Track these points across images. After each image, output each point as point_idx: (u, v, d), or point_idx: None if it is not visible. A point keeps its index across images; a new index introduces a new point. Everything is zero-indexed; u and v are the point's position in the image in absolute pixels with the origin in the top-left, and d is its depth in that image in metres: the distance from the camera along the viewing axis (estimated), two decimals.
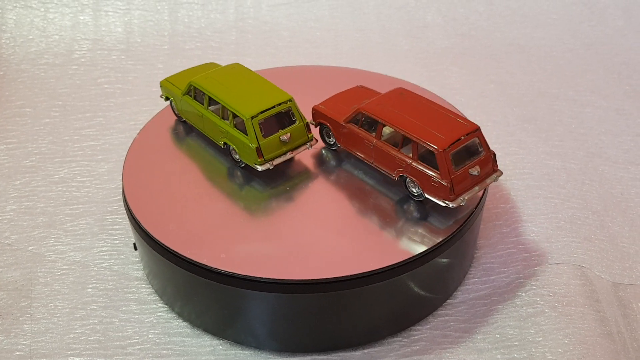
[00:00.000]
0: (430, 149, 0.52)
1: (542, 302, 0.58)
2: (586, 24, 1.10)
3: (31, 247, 0.65)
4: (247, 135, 0.57)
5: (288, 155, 0.58)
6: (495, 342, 0.55)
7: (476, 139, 0.54)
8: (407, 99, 0.58)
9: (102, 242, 0.65)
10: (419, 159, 0.54)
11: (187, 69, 0.70)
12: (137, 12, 1.04)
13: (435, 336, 0.56)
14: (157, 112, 0.72)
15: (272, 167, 0.57)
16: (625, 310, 0.58)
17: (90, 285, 0.61)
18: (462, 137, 0.53)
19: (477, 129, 0.54)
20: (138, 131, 0.70)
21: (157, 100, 0.87)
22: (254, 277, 0.50)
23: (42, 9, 1.03)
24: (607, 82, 0.95)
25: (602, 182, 0.74)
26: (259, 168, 0.57)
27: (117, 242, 0.65)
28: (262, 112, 0.56)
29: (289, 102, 0.58)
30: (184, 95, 0.63)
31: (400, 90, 0.59)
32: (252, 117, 0.56)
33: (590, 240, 0.65)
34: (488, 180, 0.55)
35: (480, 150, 0.54)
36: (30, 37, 1.00)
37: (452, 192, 0.53)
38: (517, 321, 0.57)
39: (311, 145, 0.59)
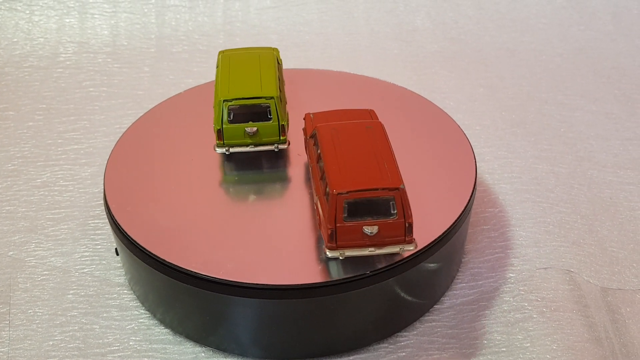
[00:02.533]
0: (328, 189, 0.48)
1: (530, 308, 0.57)
2: (575, 28, 1.10)
3: (11, 253, 0.64)
4: None
5: (249, 148, 0.58)
6: (483, 348, 0.55)
7: (391, 199, 0.47)
8: (365, 133, 0.52)
9: (84, 247, 0.64)
10: (325, 195, 0.49)
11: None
12: (123, 15, 1.03)
13: (422, 342, 0.55)
14: (141, 115, 0.71)
15: (228, 153, 0.58)
16: (613, 315, 0.58)
17: (71, 291, 0.60)
18: (368, 189, 0.47)
19: (396, 189, 0.47)
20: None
21: (142, 104, 0.86)
22: (237, 282, 0.49)
23: (27, 12, 1.02)
24: (597, 86, 0.95)
25: (591, 186, 0.74)
26: (216, 150, 0.57)
27: (99, 247, 0.64)
28: (236, 99, 0.57)
29: (268, 100, 0.57)
30: None
31: (369, 124, 0.54)
32: (224, 101, 0.57)
33: (579, 245, 0.65)
34: (390, 249, 0.48)
35: (391, 212, 0.47)
36: (15, 39, 0.99)
37: (332, 241, 0.48)
38: (505, 327, 0.56)
39: (278, 148, 0.58)
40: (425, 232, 0.53)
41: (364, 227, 0.47)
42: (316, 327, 0.52)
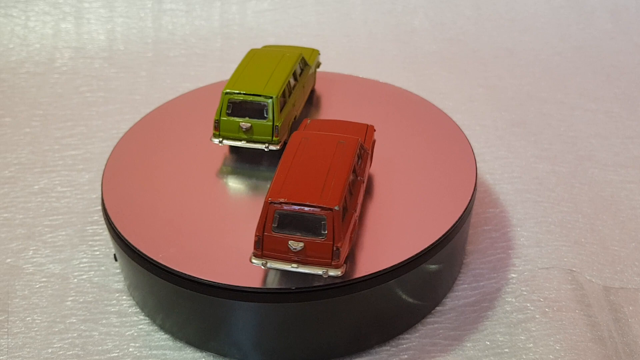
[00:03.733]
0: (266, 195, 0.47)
1: (532, 308, 0.57)
2: (574, 27, 1.09)
3: (9, 260, 0.63)
4: None
5: (241, 144, 0.58)
6: (486, 350, 0.54)
7: (322, 219, 0.45)
8: (333, 148, 0.50)
9: (82, 253, 0.64)
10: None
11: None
12: (120, 20, 1.03)
13: (425, 344, 0.55)
14: (138, 120, 0.70)
15: (220, 144, 0.59)
16: (616, 314, 0.57)
17: (70, 298, 0.59)
18: (301, 204, 0.45)
19: (329, 210, 0.45)
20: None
21: (139, 108, 0.86)
22: (237, 286, 0.49)
23: (23, 17, 1.02)
24: (596, 85, 0.94)
25: (592, 185, 0.73)
26: (212, 139, 0.59)
27: (98, 253, 0.64)
28: (236, 93, 0.57)
29: (267, 99, 0.57)
30: None
31: (344, 139, 0.51)
32: (225, 93, 0.57)
33: (581, 244, 0.64)
34: (313, 269, 0.46)
35: (321, 232, 0.45)
36: (11, 45, 0.99)
37: (258, 248, 0.46)
38: (507, 327, 0.56)
39: (268, 148, 0.58)
40: (426, 233, 0.52)
41: (289, 242, 0.45)
42: (317, 331, 0.52)
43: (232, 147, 0.62)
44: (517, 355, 0.53)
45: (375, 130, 0.57)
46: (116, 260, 0.59)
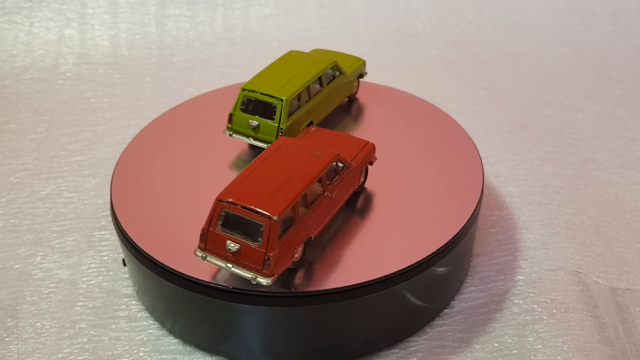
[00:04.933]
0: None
1: (540, 310, 0.57)
2: (575, 29, 1.10)
3: (17, 266, 0.63)
4: None
5: (249, 140, 0.60)
6: (494, 352, 0.54)
7: (260, 225, 0.45)
8: (306, 158, 0.50)
9: (90, 258, 0.64)
10: None
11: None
12: (124, 26, 1.03)
13: (433, 347, 0.55)
14: (145, 125, 0.70)
15: (230, 136, 0.61)
16: (623, 315, 0.57)
17: (79, 304, 0.59)
18: (243, 207, 0.45)
19: (268, 218, 0.45)
20: (126, 145, 0.69)
21: (144, 114, 0.86)
22: (246, 290, 0.49)
23: (27, 24, 1.02)
24: (598, 87, 0.95)
25: (597, 187, 0.73)
26: (225, 131, 0.61)
27: (106, 258, 0.64)
28: (251, 91, 0.59)
29: (277, 101, 0.58)
30: None
31: (322, 151, 0.51)
32: (243, 89, 0.59)
33: (587, 246, 0.64)
34: (245, 272, 0.46)
35: (257, 238, 0.45)
36: (15, 52, 0.99)
37: (202, 241, 0.47)
38: (515, 329, 0.56)
39: None
40: (434, 237, 0.53)
41: (227, 241, 0.46)
42: (326, 334, 0.52)
43: (243, 150, 0.63)
44: (526, 356, 0.54)
45: (375, 148, 0.57)
46: (125, 265, 0.59)
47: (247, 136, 0.60)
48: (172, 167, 0.61)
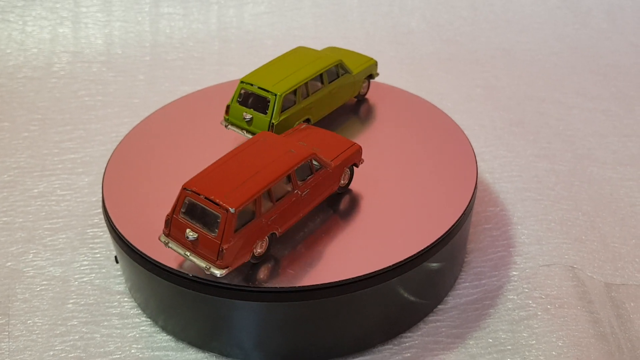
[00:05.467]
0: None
1: (534, 305, 0.57)
2: (570, 27, 1.10)
3: (9, 264, 0.63)
4: None
5: (242, 133, 0.60)
6: (488, 347, 0.54)
7: (218, 217, 0.46)
8: (279, 154, 0.50)
9: (83, 256, 0.64)
10: None
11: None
12: (117, 24, 1.03)
13: (427, 342, 0.55)
14: (138, 123, 0.70)
15: (226, 127, 0.61)
16: (618, 310, 0.57)
17: (71, 301, 0.59)
18: (204, 197, 0.46)
19: (226, 210, 0.45)
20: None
21: (138, 112, 0.86)
22: (238, 285, 0.49)
23: (20, 22, 1.02)
24: (593, 84, 0.95)
25: (592, 183, 0.73)
26: (222, 122, 0.61)
27: (98, 255, 0.64)
28: (248, 84, 0.59)
29: (271, 95, 0.58)
30: None
31: (296, 148, 0.51)
32: (241, 81, 0.60)
33: (581, 241, 0.64)
34: (200, 261, 0.47)
35: (214, 229, 0.46)
36: (8, 50, 0.98)
37: (166, 227, 0.48)
38: (510, 325, 0.56)
39: None
40: (427, 232, 0.52)
41: (187, 229, 0.47)
42: (319, 330, 0.52)
43: (236, 146, 0.62)
44: (520, 352, 0.53)
45: (361, 150, 0.56)
46: (117, 262, 0.59)
47: (241, 128, 0.60)
48: (163, 164, 0.61)
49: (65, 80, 0.94)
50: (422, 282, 0.54)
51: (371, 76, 0.69)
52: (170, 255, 0.51)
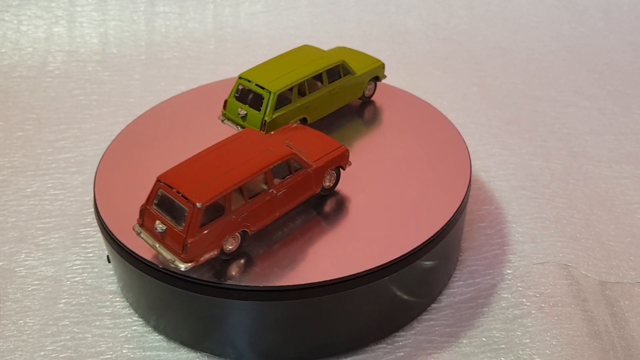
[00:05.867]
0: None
1: (528, 303, 0.56)
2: (567, 26, 1.10)
3: (1, 263, 0.63)
4: None
5: (237, 128, 0.60)
6: (482, 346, 0.54)
7: (185, 210, 0.46)
8: (259, 152, 0.50)
9: (75, 255, 0.63)
10: None
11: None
12: (112, 23, 1.03)
13: (420, 341, 0.54)
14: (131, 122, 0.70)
15: (222, 122, 0.61)
16: (612, 308, 0.57)
17: (62, 301, 0.59)
18: (174, 190, 0.46)
19: (193, 204, 0.45)
20: None
21: (133, 111, 0.86)
22: (229, 284, 0.48)
23: (15, 22, 1.01)
24: (590, 83, 0.95)
25: (587, 181, 0.73)
26: (220, 117, 0.62)
27: (91, 255, 0.63)
28: (246, 80, 0.59)
29: (266, 93, 0.58)
30: None
31: (275, 147, 0.51)
32: (239, 77, 0.60)
33: (576, 240, 0.64)
34: (167, 254, 0.47)
35: (182, 222, 0.46)
36: (3, 50, 0.98)
37: (140, 217, 0.49)
38: (504, 323, 0.55)
39: None
40: (420, 230, 0.52)
41: (157, 221, 0.47)
42: (312, 329, 0.51)
43: None
44: (514, 351, 0.53)
45: (348, 153, 0.55)
46: (109, 261, 0.59)
47: (236, 124, 0.60)
48: (156, 163, 0.61)
49: (60, 79, 0.94)
50: (416, 281, 0.54)
51: (377, 78, 0.68)
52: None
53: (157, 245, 0.48)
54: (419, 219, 0.53)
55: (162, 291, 0.51)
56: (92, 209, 0.69)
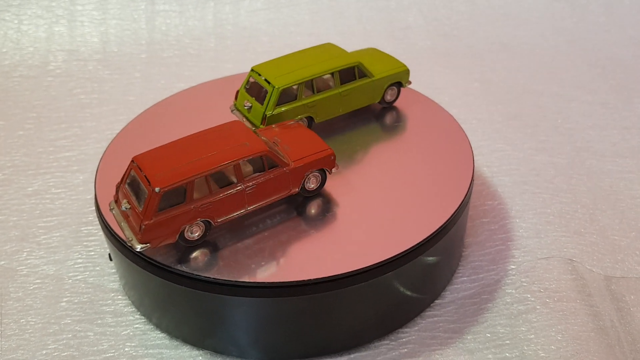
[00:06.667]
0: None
1: (533, 299, 0.56)
2: (568, 20, 1.09)
3: (2, 262, 0.62)
4: None
5: (243, 119, 0.60)
6: (486, 342, 0.53)
7: (146, 192, 0.47)
8: (234, 145, 0.50)
9: (77, 254, 0.63)
10: None
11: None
12: (113, 22, 1.03)
13: (424, 338, 0.54)
14: (132, 119, 0.70)
15: (231, 112, 0.62)
16: (618, 303, 0.56)
17: (64, 299, 0.58)
18: (141, 172, 0.48)
19: (153, 189, 0.46)
20: None
21: (134, 109, 0.85)
22: (232, 281, 0.48)
23: (16, 21, 1.01)
24: (592, 77, 0.94)
25: (591, 176, 0.73)
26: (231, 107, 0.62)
27: (93, 253, 0.63)
28: (256, 73, 0.59)
29: (270, 87, 0.58)
30: None
31: (251, 142, 0.51)
32: (251, 69, 0.60)
33: (581, 234, 0.63)
34: (129, 233, 0.48)
35: (142, 204, 0.47)
36: (4, 49, 0.98)
37: (115, 194, 0.51)
38: (508, 319, 0.55)
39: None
40: (424, 225, 0.52)
41: (124, 200, 0.49)
42: (315, 325, 0.51)
43: None
44: (519, 346, 0.53)
45: (334, 156, 0.54)
46: (111, 259, 0.59)
47: (243, 115, 0.60)
48: None
49: (61, 78, 0.94)
50: (419, 277, 0.53)
51: (400, 84, 0.65)
52: (163, 253, 0.50)
53: (122, 223, 0.49)
54: (422, 214, 0.53)
55: (164, 289, 0.51)
56: (94, 207, 0.69)
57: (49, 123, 0.84)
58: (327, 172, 0.54)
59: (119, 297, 0.58)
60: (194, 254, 0.50)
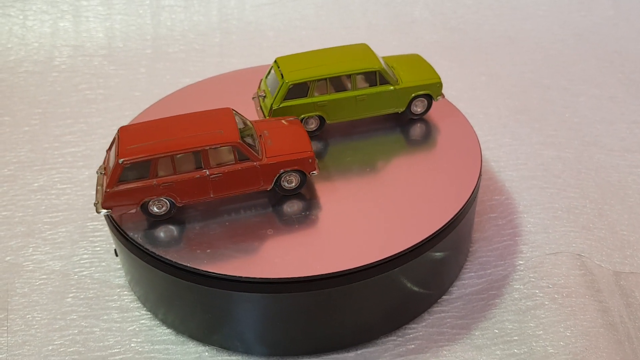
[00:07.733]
0: None
1: (541, 294, 0.55)
2: (576, 14, 1.08)
3: (8, 258, 0.62)
4: None
5: (258, 107, 0.61)
6: (494, 338, 0.53)
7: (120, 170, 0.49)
8: (209, 131, 0.51)
9: (83, 249, 0.63)
10: None
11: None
12: (118, 17, 1.02)
13: (431, 334, 0.54)
14: (137, 115, 0.69)
15: (252, 99, 0.62)
16: (627, 299, 0.56)
17: (70, 295, 0.58)
18: (118, 142, 0.51)
19: (117, 161, 0.49)
20: None
21: (139, 105, 0.85)
22: (238, 277, 0.48)
23: (21, 17, 1.01)
24: (600, 71, 0.93)
25: (599, 171, 0.72)
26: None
27: (98, 249, 0.63)
28: (276, 64, 0.60)
29: (284, 82, 0.58)
30: None
31: (225, 130, 0.52)
32: (274, 61, 0.61)
33: (589, 229, 0.63)
34: (98, 194, 0.51)
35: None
36: (9, 45, 0.98)
37: (103, 162, 0.54)
38: (516, 315, 0.55)
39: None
40: (431, 220, 0.51)
41: (102, 165, 0.54)
42: (321, 321, 0.51)
43: None
44: (527, 342, 0.52)
45: (313, 160, 0.53)
46: (117, 255, 0.58)
47: (259, 104, 0.61)
48: None
49: (67, 74, 0.93)
50: (426, 272, 0.53)
51: (431, 96, 0.62)
52: (169, 247, 0.50)
53: (98, 187, 0.52)
54: (429, 209, 0.53)
55: (170, 284, 0.51)
56: None
57: (55, 119, 0.84)
58: (306, 175, 0.53)
59: (125, 292, 0.58)
60: (200, 250, 0.50)
